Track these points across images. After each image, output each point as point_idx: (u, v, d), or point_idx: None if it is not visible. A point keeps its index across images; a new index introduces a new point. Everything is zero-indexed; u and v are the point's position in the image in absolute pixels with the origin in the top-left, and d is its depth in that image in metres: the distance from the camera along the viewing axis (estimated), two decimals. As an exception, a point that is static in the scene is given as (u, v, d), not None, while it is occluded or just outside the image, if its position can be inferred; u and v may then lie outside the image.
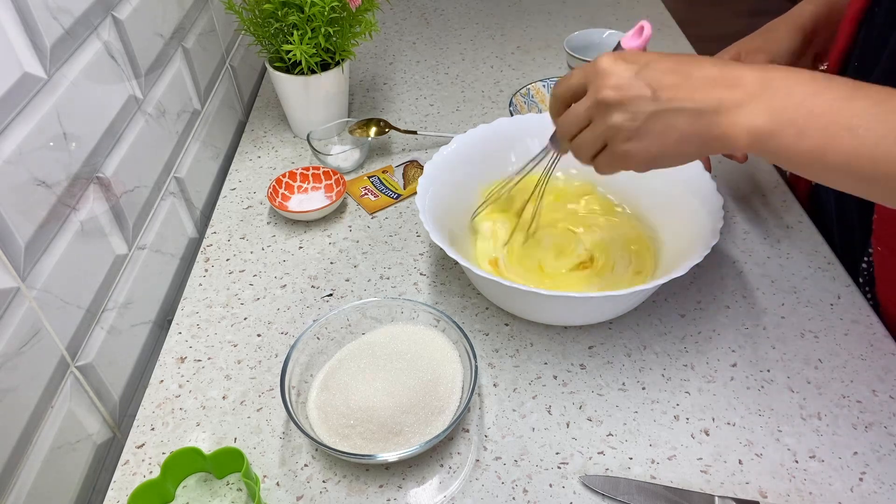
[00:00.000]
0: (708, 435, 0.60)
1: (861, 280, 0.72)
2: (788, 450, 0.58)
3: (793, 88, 0.47)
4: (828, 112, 0.46)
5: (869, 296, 0.71)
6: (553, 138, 0.62)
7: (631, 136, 0.51)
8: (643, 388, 0.64)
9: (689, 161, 0.53)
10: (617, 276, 0.71)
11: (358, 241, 0.81)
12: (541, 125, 0.80)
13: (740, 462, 0.58)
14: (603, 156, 0.54)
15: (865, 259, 0.70)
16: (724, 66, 0.49)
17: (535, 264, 0.72)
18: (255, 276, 0.77)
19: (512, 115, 0.94)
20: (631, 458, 0.58)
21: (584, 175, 0.80)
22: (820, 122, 0.46)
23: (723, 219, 0.65)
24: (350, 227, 0.84)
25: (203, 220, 0.89)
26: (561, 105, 0.56)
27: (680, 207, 0.71)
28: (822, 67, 0.79)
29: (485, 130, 0.79)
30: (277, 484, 0.58)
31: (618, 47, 0.57)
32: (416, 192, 0.70)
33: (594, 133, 0.53)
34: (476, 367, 0.60)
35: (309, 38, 0.86)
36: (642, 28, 0.56)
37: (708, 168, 0.72)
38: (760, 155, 0.49)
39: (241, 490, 0.58)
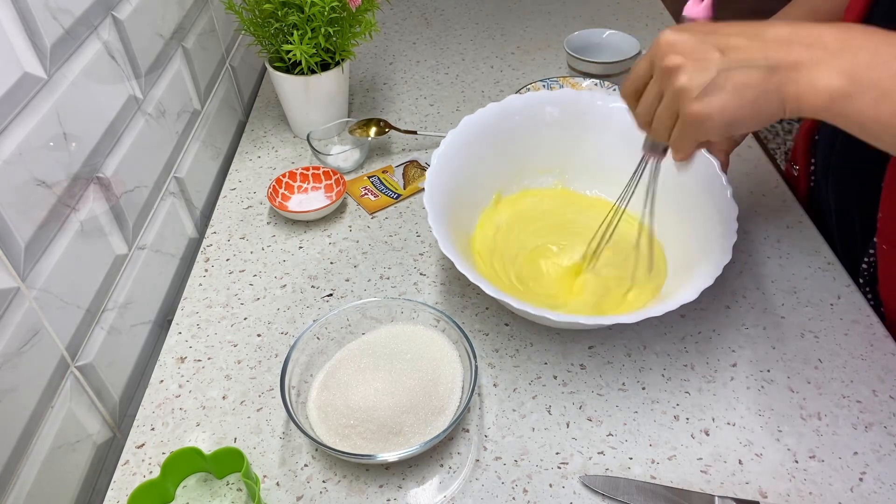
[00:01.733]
0: (708, 435, 0.60)
1: (861, 280, 0.72)
2: (788, 450, 0.58)
3: (878, 49, 0.44)
4: None
5: (870, 296, 0.71)
6: (644, 145, 0.59)
7: (701, 94, 0.46)
8: (643, 388, 0.64)
9: (766, 124, 0.48)
10: (626, 288, 0.71)
11: (358, 241, 0.81)
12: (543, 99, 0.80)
13: (740, 462, 0.58)
14: (677, 128, 0.50)
15: (866, 259, 0.70)
16: (798, 27, 0.46)
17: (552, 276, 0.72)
18: (255, 276, 0.77)
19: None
20: (631, 458, 0.58)
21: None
22: None
23: (736, 232, 0.63)
24: (350, 227, 0.84)
25: (203, 220, 0.89)
26: (633, 101, 0.54)
27: (693, 215, 0.71)
28: None
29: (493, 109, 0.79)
30: (277, 484, 0.58)
31: (682, 19, 0.54)
32: (416, 192, 0.70)
33: (665, 105, 0.49)
34: (476, 367, 0.60)
35: (309, 38, 0.86)
36: None
37: (725, 166, 0.71)
38: (833, 120, 0.46)
39: (241, 490, 0.58)
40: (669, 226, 0.74)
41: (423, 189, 0.70)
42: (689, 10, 0.54)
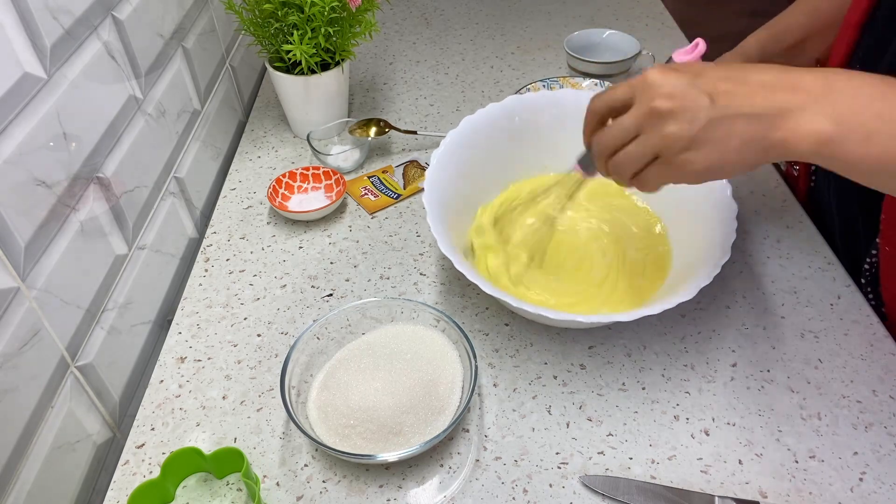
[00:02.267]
0: (708, 435, 0.60)
1: (864, 280, 0.72)
2: (788, 450, 0.58)
3: (858, 91, 0.45)
4: None
5: (871, 296, 0.71)
6: (582, 161, 0.58)
7: (689, 144, 0.47)
8: (643, 388, 0.64)
9: (749, 170, 0.49)
10: (625, 285, 0.71)
11: (358, 241, 0.81)
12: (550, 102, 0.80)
13: (740, 462, 0.58)
14: (653, 169, 0.50)
15: (868, 260, 0.70)
16: (781, 71, 0.47)
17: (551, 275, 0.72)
18: (255, 276, 0.77)
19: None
20: (631, 458, 0.58)
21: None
22: (889, 127, 0.44)
23: (735, 231, 0.63)
24: (350, 227, 0.84)
25: (203, 220, 0.89)
26: (598, 121, 0.53)
27: (692, 212, 0.71)
28: None
29: (493, 109, 0.79)
30: (277, 484, 0.58)
31: (669, 62, 0.55)
32: (416, 192, 0.70)
33: (644, 146, 0.49)
34: (476, 367, 0.60)
35: (309, 38, 0.86)
36: (697, 44, 0.54)
37: None
38: (821, 163, 0.46)
39: (241, 490, 0.58)
40: (669, 225, 0.74)
41: (423, 189, 0.70)
42: (679, 56, 0.55)
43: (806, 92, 0.45)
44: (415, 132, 0.96)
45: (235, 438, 0.61)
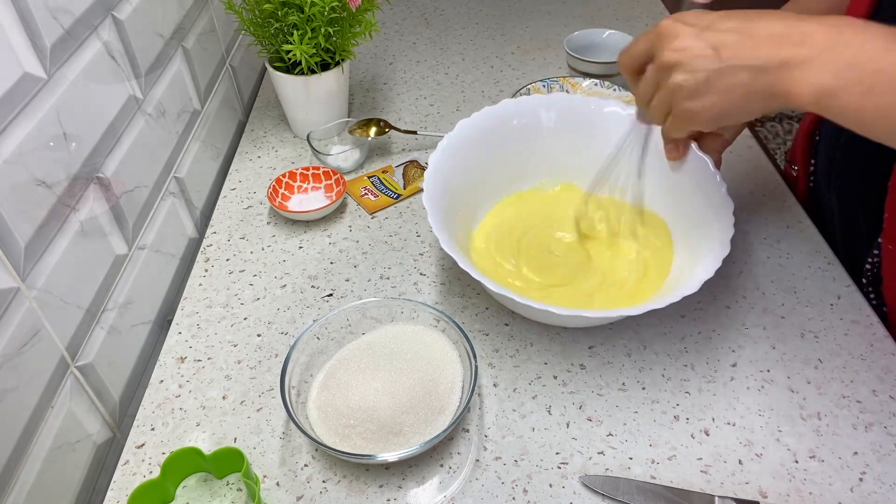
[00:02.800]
0: (708, 435, 0.60)
1: (865, 280, 0.72)
2: (788, 450, 0.58)
3: (864, 44, 0.45)
4: None
5: (872, 296, 0.71)
6: (637, 114, 0.63)
7: (692, 94, 0.51)
8: (643, 388, 0.64)
9: (754, 117, 0.52)
10: (627, 280, 0.71)
11: (358, 241, 0.81)
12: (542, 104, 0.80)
13: (740, 462, 0.58)
14: (669, 119, 0.54)
15: (870, 260, 0.70)
16: (790, 22, 0.48)
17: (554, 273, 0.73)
18: (255, 276, 0.77)
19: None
20: (631, 458, 0.58)
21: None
22: (890, 81, 0.44)
23: (733, 226, 0.64)
24: (350, 227, 0.84)
25: (203, 220, 0.89)
26: (631, 75, 0.57)
27: (690, 212, 0.71)
28: None
29: (489, 112, 0.79)
30: (277, 484, 0.58)
31: (684, 4, 0.57)
32: (416, 192, 0.70)
33: (661, 95, 0.53)
34: (476, 367, 0.60)
35: (309, 38, 0.86)
36: None
37: (717, 164, 0.71)
38: (824, 114, 0.47)
39: (241, 490, 0.58)
40: (668, 224, 0.74)
41: (423, 189, 0.70)
42: None
43: (811, 45, 0.46)
44: (415, 132, 0.96)
45: (235, 438, 0.61)
